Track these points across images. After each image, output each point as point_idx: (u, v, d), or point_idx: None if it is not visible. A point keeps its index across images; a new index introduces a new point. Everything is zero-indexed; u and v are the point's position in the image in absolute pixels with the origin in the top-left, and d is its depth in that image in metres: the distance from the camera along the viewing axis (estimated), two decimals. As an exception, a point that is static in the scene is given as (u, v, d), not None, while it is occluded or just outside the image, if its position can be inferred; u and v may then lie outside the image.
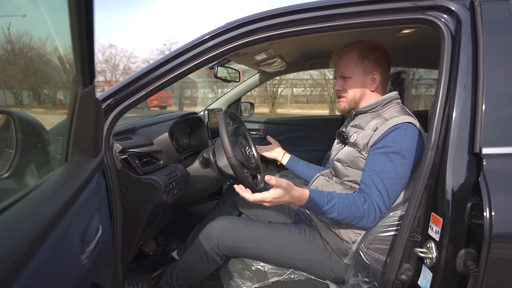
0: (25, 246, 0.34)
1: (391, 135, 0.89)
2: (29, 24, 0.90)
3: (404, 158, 0.87)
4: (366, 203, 0.87)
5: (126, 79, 0.86)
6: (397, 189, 0.89)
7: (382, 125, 0.92)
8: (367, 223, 0.87)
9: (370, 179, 0.89)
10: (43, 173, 0.61)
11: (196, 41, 0.86)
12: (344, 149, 1.05)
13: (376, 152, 0.91)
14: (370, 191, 0.88)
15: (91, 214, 0.55)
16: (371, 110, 1.02)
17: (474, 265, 0.63)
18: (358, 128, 1.02)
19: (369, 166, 0.91)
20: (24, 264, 0.33)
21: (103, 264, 0.62)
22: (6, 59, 1.18)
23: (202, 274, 1.11)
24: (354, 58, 1.01)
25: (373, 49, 1.01)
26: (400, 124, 0.89)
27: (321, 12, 0.82)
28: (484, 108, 0.67)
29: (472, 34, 0.72)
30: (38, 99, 1.60)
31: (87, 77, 0.56)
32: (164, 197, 0.97)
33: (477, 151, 0.65)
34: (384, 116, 0.96)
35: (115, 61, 17.16)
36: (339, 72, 1.05)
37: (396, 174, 0.87)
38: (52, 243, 0.39)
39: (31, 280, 0.34)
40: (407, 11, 0.79)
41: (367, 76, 1.02)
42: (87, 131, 0.61)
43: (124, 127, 1.08)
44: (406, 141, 0.88)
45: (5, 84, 1.32)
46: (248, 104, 2.44)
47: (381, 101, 1.01)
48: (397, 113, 0.94)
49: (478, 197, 0.63)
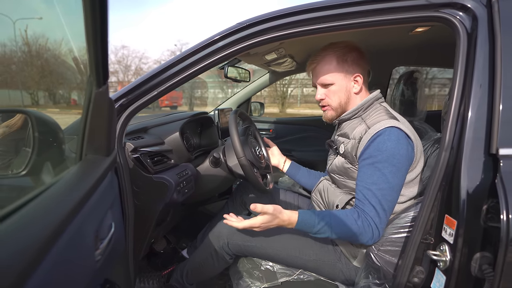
0: (41, 243, 0.35)
1: (374, 144, 0.86)
2: (45, 26, 0.92)
3: (392, 166, 0.84)
4: (360, 219, 0.84)
5: (138, 79, 0.88)
6: (391, 199, 0.86)
7: (365, 134, 0.89)
8: (366, 239, 0.84)
9: (361, 194, 0.87)
10: (58, 171, 0.62)
11: (206, 42, 0.86)
12: (336, 159, 1.03)
13: (363, 164, 0.88)
14: (363, 207, 0.86)
15: (104, 211, 0.57)
16: (354, 116, 0.98)
17: (490, 269, 0.61)
18: (344, 137, 0.99)
19: (359, 179, 0.89)
20: (40, 259, 0.35)
21: (115, 260, 0.64)
22: (23, 60, 1.22)
23: (212, 273, 1.11)
24: (333, 63, 0.96)
25: (349, 50, 0.96)
26: (381, 131, 0.86)
27: (332, 11, 0.81)
28: (501, 108, 0.65)
29: (489, 32, 0.70)
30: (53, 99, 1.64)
31: (101, 78, 0.57)
32: (175, 196, 0.98)
33: (494, 152, 0.64)
34: (366, 122, 0.92)
35: (127, 62, 17.52)
36: (319, 80, 0.99)
37: (387, 184, 0.84)
38: (67, 239, 0.40)
39: (47, 274, 0.35)
40: (421, 9, 0.77)
41: (349, 80, 0.97)
42: (100, 130, 0.62)
43: (136, 127, 1.10)
44: (389, 147, 0.84)
45: (22, 85, 1.36)
46: (258, 104, 2.44)
47: (361, 105, 0.96)
48: (379, 117, 0.90)
49: (495, 199, 0.61)
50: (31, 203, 0.41)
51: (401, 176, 0.86)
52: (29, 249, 0.33)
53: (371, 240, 0.85)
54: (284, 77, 2.22)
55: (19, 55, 1.13)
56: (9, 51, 1.07)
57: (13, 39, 0.97)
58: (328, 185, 1.07)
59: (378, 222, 0.84)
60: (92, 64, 0.55)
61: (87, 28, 0.48)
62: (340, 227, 0.85)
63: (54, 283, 0.37)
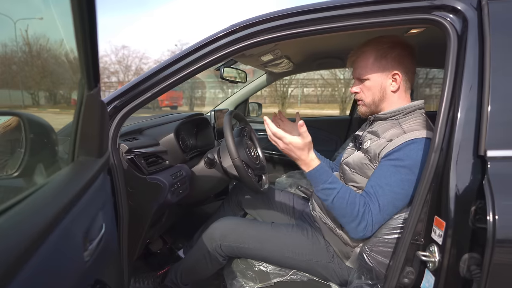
0: (27, 243, 0.36)
1: (406, 149, 0.84)
2: (46, 26, 0.92)
3: (413, 175, 0.83)
4: (364, 208, 0.84)
5: (132, 81, 0.88)
6: (398, 204, 0.85)
7: (399, 137, 0.87)
8: (356, 229, 0.84)
9: (373, 190, 0.86)
10: (51, 173, 0.63)
11: (199, 44, 0.87)
12: (355, 153, 1.00)
13: (386, 164, 0.86)
14: (370, 201, 0.85)
15: (94, 212, 0.57)
16: (391, 118, 0.95)
17: (477, 269, 0.62)
18: (374, 135, 0.96)
19: (376, 175, 0.88)
20: (26, 260, 0.35)
21: (106, 261, 0.64)
22: (24, 60, 1.22)
23: (206, 274, 1.12)
24: (371, 59, 0.94)
25: (393, 47, 0.93)
26: (418, 139, 0.84)
27: (327, 13, 0.82)
28: (489, 110, 0.65)
29: (479, 34, 0.70)
30: (54, 99, 1.64)
31: (91, 80, 0.58)
32: (169, 197, 0.99)
33: (482, 153, 0.64)
34: (403, 127, 0.90)
35: (127, 62, 17.52)
36: (356, 74, 0.99)
37: (401, 190, 0.83)
38: (54, 240, 0.41)
39: (32, 275, 0.36)
40: (413, 12, 0.78)
41: (386, 77, 0.94)
42: (92, 132, 0.63)
43: (131, 128, 1.11)
44: (419, 157, 0.82)
45: (23, 85, 1.36)
46: (256, 104, 2.44)
47: (403, 109, 0.93)
48: (418, 126, 0.88)
49: (483, 201, 0.62)
50: (19, 204, 0.41)
51: (415, 187, 0.84)
52: (14, 249, 0.34)
53: (361, 233, 0.85)
54: (281, 77, 2.23)
55: (19, 55, 1.14)
56: (10, 51, 1.08)
57: (14, 39, 0.97)
58: None
59: (376, 220, 0.84)
60: (83, 67, 0.55)
61: (76, 30, 0.49)
62: (342, 200, 0.84)
63: (40, 283, 0.38)
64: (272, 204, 1.29)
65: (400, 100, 0.96)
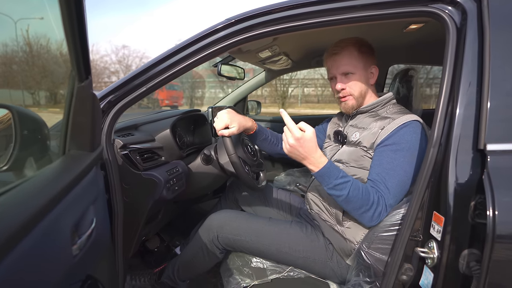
0: (9, 235, 0.35)
1: (400, 133, 0.88)
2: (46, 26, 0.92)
3: (412, 156, 0.87)
4: (377, 195, 0.85)
5: (126, 76, 0.87)
6: (404, 186, 0.87)
7: (390, 124, 0.91)
8: (373, 216, 0.85)
9: (378, 176, 0.88)
10: (41, 167, 0.62)
11: (195, 37, 0.86)
12: (342, 149, 1.03)
13: (385, 150, 0.89)
14: (378, 187, 0.87)
15: (85, 206, 0.56)
16: (372, 110, 1.02)
17: (477, 266, 0.60)
18: (357, 128, 1.01)
19: (377, 163, 0.90)
20: (11, 247, 0.34)
21: (98, 257, 0.63)
22: (25, 60, 1.22)
23: (203, 268, 1.11)
24: (354, 53, 0.99)
25: (364, 44, 1.01)
26: (408, 122, 0.89)
27: (323, 6, 0.81)
28: (489, 104, 0.64)
29: (478, 26, 0.69)
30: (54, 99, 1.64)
31: (82, 72, 0.57)
32: (164, 193, 0.98)
33: (482, 147, 0.63)
34: (387, 115, 0.95)
35: (128, 61, 17.55)
36: (340, 70, 1.00)
37: (404, 172, 0.86)
38: (40, 232, 0.40)
39: (17, 263, 0.35)
40: (411, 4, 0.76)
41: (367, 71, 1.02)
42: (84, 125, 0.62)
43: (126, 124, 1.10)
44: (414, 139, 0.87)
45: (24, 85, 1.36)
46: (255, 102, 2.43)
47: (381, 101, 1.00)
48: (401, 113, 0.94)
49: (482, 196, 0.60)
50: (5, 195, 0.40)
51: (417, 167, 0.87)
52: None
53: (377, 219, 0.85)
54: (280, 75, 2.21)
55: (20, 55, 1.13)
56: (10, 51, 1.07)
57: (14, 39, 0.96)
58: None
59: (389, 205, 0.86)
60: (73, 58, 0.54)
61: (64, 22, 0.48)
62: (357, 191, 0.84)
63: (22, 276, 0.37)
64: (269, 201, 1.28)
65: (374, 93, 1.05)
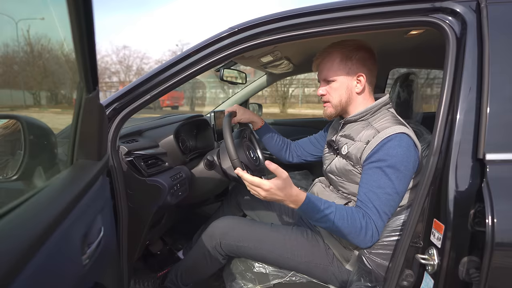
0: (26, 247, 0.36)
1: (384, 148, 0.85)
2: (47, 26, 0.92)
3: (399, 172, 0.84)
4: (364, 219, 0.83)
5: (131, 84, 0.89)
6: (394, 204, 0.85)
7: (374, 137, 0.88)
8: (364, 240, 0.83)
9: (366, 196, 0.86)
10: (50, 175, 0.63)
11: (198, 46, 0.87)
12: (335, 160, 1.02)
13: (370, 167, 0.87)
14: (366, 208, 0.85)
15: (93, 216, 0.57)
16: (361, 119, 0.98)
17: (476, 273, 0.62)
18: (348, 138, 0.98)
19: (364, 181, 0.88)
20: (24, 263, 0.35)
21: (105, 264, 0.64)
22: (25, 60, 1.23)
23: (206, 273, 1.12)
24: (336, 60, 0.96)
25: (357, 49, 0.96)
26: (392, 136, 0.85)
27: (326, 15, 0.82)
28: (488, 112, 0.65)
29: (478, 36, 0.70)
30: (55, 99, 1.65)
31: (90, 83, 0.58)
32: (168, 199, 0.99)
33: (481, 157, 0.64)
34: (375, 126, 0.91)
35: (128, 62, 17.58)
36: (322, 75, 1.00)
37: (393, 189, 0.84)
38: (53, 243, 0.41)
39: (31, 278, 0.36)
40: (412, 14, 0.78)
41: (352, 78, 0.97)
42: (91, 135, 0.63)
43: (131, 130, 1.11)
44: (400, 153, 0.84)
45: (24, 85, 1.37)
46: (256, 105, 2.44)
47: (370, 108, 0.96)
48: (389, 123, 0.90)
49: (482, 204, 0.62)
50: (18, 208, 0.41)
51: (406, 182, 0.85)
52: (13, 252, 0.34)
53: (370, 242, 0.84)
54: (281, 78, 2.22)
55: (21, 55, 1.14)
56: (11, 51, 1.08)
57: (15, 39, 0.97)
58: (323, 188, 1.06)
59: (379, 226, 0.84)
60: (81, 70, 0.56)
61: (73, 34, 0.49)
62: (343, 221, 0.82)
63: (39, 285, 0.38)
64: (271, 205, 1.29)
65: (365, 101, 0.99)
